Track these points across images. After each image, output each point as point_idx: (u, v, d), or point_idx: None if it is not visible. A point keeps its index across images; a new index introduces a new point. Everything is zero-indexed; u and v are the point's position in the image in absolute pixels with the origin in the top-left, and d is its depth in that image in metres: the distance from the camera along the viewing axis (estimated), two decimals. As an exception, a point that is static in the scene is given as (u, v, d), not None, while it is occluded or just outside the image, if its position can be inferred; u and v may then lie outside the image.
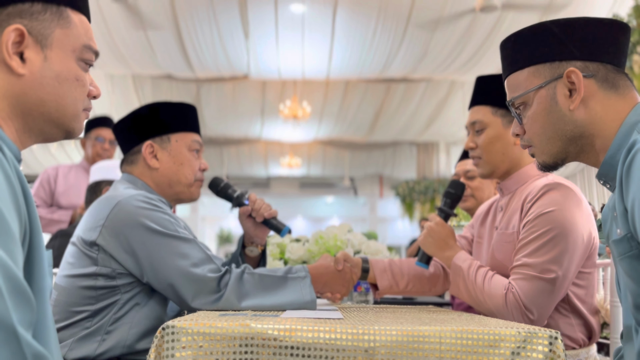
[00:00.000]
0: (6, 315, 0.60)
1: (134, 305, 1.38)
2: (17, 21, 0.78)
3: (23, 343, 0.61)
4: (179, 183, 1.55)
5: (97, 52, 0.88)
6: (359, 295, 1.85)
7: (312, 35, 7.36)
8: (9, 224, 0.66)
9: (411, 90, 9.38)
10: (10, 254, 0.64)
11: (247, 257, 1.72)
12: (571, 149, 1.09)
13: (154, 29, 6.94)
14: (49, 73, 0.81)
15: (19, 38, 0.78)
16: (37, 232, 0.75)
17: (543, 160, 1.13)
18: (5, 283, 0.62)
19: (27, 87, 0.80)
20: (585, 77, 1.05)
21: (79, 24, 0.86)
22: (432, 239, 1.57)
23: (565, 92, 1.06)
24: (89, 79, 0.88)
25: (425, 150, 12.21)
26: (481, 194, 2.31)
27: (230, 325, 0.95)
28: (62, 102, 0.83)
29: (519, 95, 1.13)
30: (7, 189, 0.67)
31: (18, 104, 0.80)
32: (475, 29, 6.93)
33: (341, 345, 0.94)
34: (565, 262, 1.34)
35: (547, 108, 1.09)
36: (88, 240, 1.38)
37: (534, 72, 1.10)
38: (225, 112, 10.22)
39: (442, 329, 0.97)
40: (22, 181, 0.72)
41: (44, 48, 0.81)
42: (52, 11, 0.82)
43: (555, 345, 0.97)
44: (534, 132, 1.12)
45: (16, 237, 0.67)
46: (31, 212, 0.74)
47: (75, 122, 0.86)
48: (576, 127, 1.06)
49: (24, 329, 0.63)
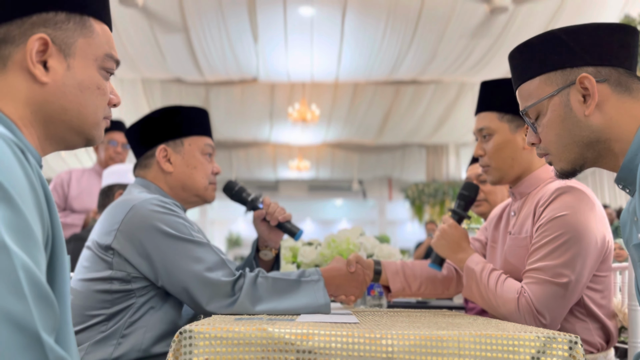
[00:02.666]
0: (30, 321, 0.61)
1: (149, 309, 1.38)
2: (41, 30, 0.80)
3: (47, 348, 0.62)
4: (193, 186, 1.55)
5: (118, 61, 0.89)
6: (373, 299, 1.85)
7: (321, 38, 7.37)
8: (33, 229, 0.67)
9: (420, 92, 9.36)
10: (34, 259, 0.65)
11: (261, 261, 1.72)
12: (589, 154, 1.08)
13: (163, 33, 6.98)
14: (72, 81, 0.83)
15: (42, 47, 0.80)
16: (59, 237, 0.76)
17: (561, 167, 1.12)
18: (30, 288, 0.63)
19: (49, 95, 0.81)
20: (598, 82, 1.04)
21: (101, 33, 0.87)
22: (445, 241, 1.57)
23: (579, 98, 1.06)
24: (110, 87, 0.89)
25: (434, 153, 12.18)
26: (494, 197, 2.29)
27: (247, 330, 0.95)
28: (83, 110, 0.84)
29: (532, 104, 1.12)
30: (30, 195, 0.68)
31: (40, 112, 0.81)
32: (484, 30, 6.90)
33: (359, 350, 0.94)
34: (578, 266, 1.33)
35: (561, 115, 1.08)
36: (103, 244, 1.38)
37: (545, 80, 1.10)
38: (234, 115, 10.26)
39: (461, 333, 0.96)
40: (44, 187, 0.73)
41: (67, 57, 0.82)
42: (75, 20, 0.83)
43: (575, 350, 0.96)
44: (550, 140, 1.11)
45: (40, 243, 0.68)
46: (53, 218, 0.74)
47: (95, 129, 0.87)
48: (592, 133, 1.05)
49: (47, 334, 0.63)
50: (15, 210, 0.65)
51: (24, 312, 0.61)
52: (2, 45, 0.78)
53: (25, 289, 0.62)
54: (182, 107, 1.60)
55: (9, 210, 0.64)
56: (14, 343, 0.60)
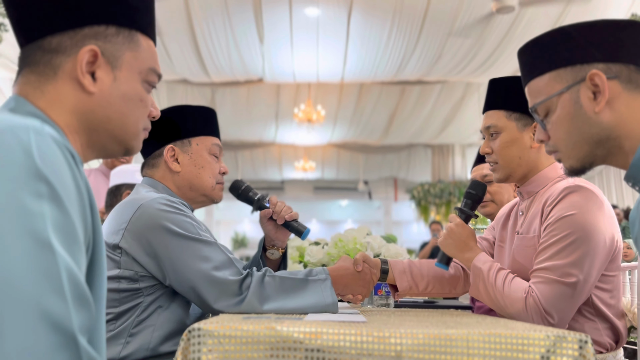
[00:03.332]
0: (68, 321, 0.63)
1: (157, 308, 1.39)
2: (92, 42, 0.82)
3: (81, 349, 0.63)
4: (201, 186, 1.56)
5: (160, 75, 0.92)
6: (380, 298, 1.84)
7: (327, 39, 7.37)
8: (77, 231, 0.69)
9: (426, 92, 9.35)
10: (77, 260, 0.67)
11: (267, 260, 1.72)
12: (598, 152, 1.07)
13: (169, 35, 7.00)
14: (117, 92, 0.85)
15: (92, 58, 0.82)
16: (99, 241, 0.78)
17: (570, 165, 1.11)
18: (71, 289, 0.64)
19: (95, 105, 0.84)
20: (609, 78, 1.03)
21: (147, 48, 0.90)
22: (452, 240, 1.55)
23: (589, 95, 1.05)
24: (150, 100, 0.92)
25: (440, 153, 12.15)
26: (501, 197, 2.28)
27: (256, 328, 0.95)
28: (125, 121, 0.87)
29: (541, 101, 1.11)
30: (76, 198, 0.70)
31: (86, 120, 0.84)
32: (491, 30, 6.88)
33: (368, 349, 0.94)
34: (586, 266, 1.32)
35: (571, 112, 1.07)
36: (111, 243, 1.39)
37: (555, 77, 1.09)
38: (240, 116, 10.28)
39: (470, 332, 0.96)
40: (89, 191, 0.75)
41: (114, 69, 0.85)
42: (124, 35, 0.86)
43: (586, 350, 0.95)
44: (559, 137, 1.10)
45: (82, 245, 0.70)
46: (95, 222, 0.77)
47: (135, 140, 0.90)
48: (602, 130, 1.05)
49: (82, 334, 0.65)
50: (62, 211, 0.67)
51: (63, 312, 0.63)
52: (54, 55, 0.81)
53: (66, 290, 0.63)
54: (189, 107, 1.60)
55: (57, 211, 0.66)
56: (51, 342, 0.61)
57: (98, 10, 0.83)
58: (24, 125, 0.69)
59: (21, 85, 0.83)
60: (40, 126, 0.70)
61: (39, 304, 0.61)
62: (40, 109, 0.81)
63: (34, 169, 0.65)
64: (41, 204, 0.64)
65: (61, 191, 0.67)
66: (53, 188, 0.66)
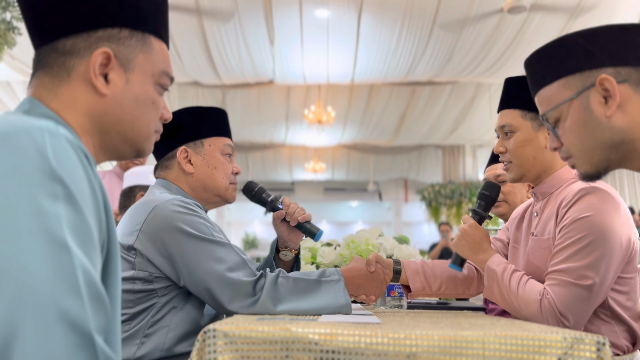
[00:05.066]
0: (85, 321, 0.63)
1: (171, 309, 1.39)
2: (105, 45, 0.83)
3: (98, 348, 0.64)
4: (214, 187, 1.57)
5: (172, 78, 0.93)
6: (393, 299, 1.84)
7: (337, 40, 7.37)
8: (92, 231, 0.69)
9: (436, 93, 9.31)
10: (92, 260, 0.68)
11: (280, 262, 1.72)
12: (612, 156, 1.06)
13: (180, 37, 7.04)
14: (129, 95, 0.86)
15: (105, 61, 0.83)
16: (114, 241, 0.79)
17: (585, 170, 1.10)
18: (87, 289, 0.65)
19: (108, 107, 0.84)
20: (618, 82, 1.02)
21: (160, 50, 0.90)
22: (465, 241, 1.55)
23: (599, 100, 1.04)
24: (162, 103, 0.92)
25: (451, 154, 12.09)
26: (514, 198, 2.27)
27: (271, 330, 0.95)
28: (137, 123, 0.88)
29: (552, 109, 1.11)
30: (91, 199, 0.71)
31: (98, 122, 0.85)
32: (501, 31, 6.85)
33: (382, 350, 0.94)
34: (602, 269, 1.31)
35: (582, 118, 1.07)
36: (126, 244, 1.40)
37: (564, 84, 1.09)
38: (250, 117, 10.30)
39: (485, 333, 0.95)
40: (103, 192, 0.76)
41: (126, 71, 0.85)
42: (137, 37, 0.86)
43: (603, 352, 0.95)
44: (572, 143, 1.10)
45: (97, 245, 0.71)
46: (110, 222, 0.77)
47: (147, 142, 0.91)
48: (615, 134, 1.04)
49: (99, 334, 0.65)
50: (77, 212, 0.67)
51: (80, 312, 0.63)
52: (68, 57, 0.82)
53: (82, 290, 0.64)
54: (201, 108, 1.61)
55: (72, 211, 0.67)
56: (68, 342, 0.62)
57: (111, 13, 0.84)
58: (39, 126, 0.69)
59: (35, 87, 0.83)
60: (54, 127, 0.70)
61: (56, 304, 0.62)
62: (54, 111, 0.81)
63: (49, 170, 0.66)
64: (57, 205, 0.65)
65: (76, 192, 0.68)
66: (68, 189, 0.67)
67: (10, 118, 0.72)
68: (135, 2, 0.86)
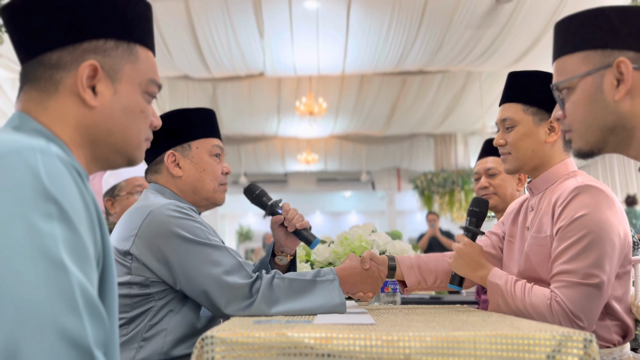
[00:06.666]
0: (84, 337, 0.65)
1: (168, 312, 1.41)
2: (91, 57, 0.84)
3: None
4: (203, 189, 1.57)
5: (160, 85, 0.93)
6: (387, 296, 1.86)
7: (327, 31, 7.35)
8: (88, 248, 0.70)
9: (427, 82, 9.32)
10: (88, 276, 0.69)
11: (276, 265, 1.74)
12: (610, 139, 1.07)
13: (169, 31, 6.99)
14: (118, 105, 0.86)
15: (92, 73, 0.83)
16: (109, 255, 0.80)
17: (579, 146, 1.11)
18: (85, 306, 0.66)
19: (97, 119, 0.85)
20: (635, 68, 1.02)
21: (146, 59, 0.90)
22: (463, 260, 1.55)
23: (612, 82, 1.04)
24: (151, 110, 0.93)
25: (442, 142, 12.13)
26: (504, 190, 2.30)
27: (267, 335, 0.97)
28: (127, 133, 0.88)
29: (565, 80, 1.10)
30: (85, 215, 0.72)
31: (88, 134, 0.85)
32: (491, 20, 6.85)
33: (377, 352, 0.96)
34: (607, 265, 1.33)
35: (590, 96, 1.07)
36: (122, 249, 1.41)
37: (583, 58, 1.08)
38: (242, 110, 10.27)
39: (477, 333, 0.98)
40: (96, 207, 0.76)
41: (114, 82, 0.86)
42: (123, 48, 0.87)
43: (591, 348, 0.97)
44: (575, 118, 1.10)
45: (92, 261, 0.72)
46: (104, 236, 0.78)
47: (138, 151, 0.91)
48: (618, 118, 1.04)
49: (98, 348, 0.67)
50: (72, 230, 0.68)
51: (79, 328, 0.65)
52: (54, 71, 0.83)
53: (80, 307, 0.65)
54: (187, 110, 1.61)
55: (67, 230, 0.68)
56: (69, 358, 0.63)
57: (96, 25, 0.84)
58: (30, 146, 0.70)
59: (24, 101, 0.84)
60: (46, 146, 0.71)
61: (55, 322, 0.63)
62: (44, 125, 0.82)
63: (42, 190, 0.67)
64: (52, 225, 0.66)
65: (70, 210, 0.69)
66: (62, 208, 0.68)
67: (0, 137, 0.72)
68: (119, 13, 0.86)
